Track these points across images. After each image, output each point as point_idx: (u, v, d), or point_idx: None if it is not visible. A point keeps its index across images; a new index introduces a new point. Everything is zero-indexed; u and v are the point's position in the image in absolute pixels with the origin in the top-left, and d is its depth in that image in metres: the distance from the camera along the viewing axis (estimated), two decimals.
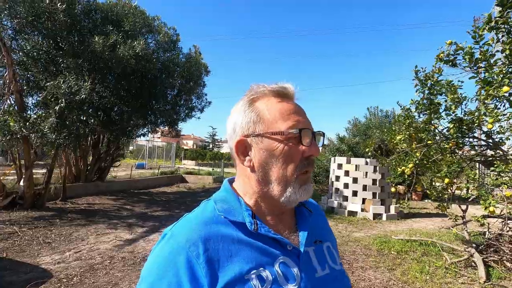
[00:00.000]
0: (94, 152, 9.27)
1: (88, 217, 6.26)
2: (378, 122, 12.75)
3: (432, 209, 8.81)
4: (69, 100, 5.78)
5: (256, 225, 0.60)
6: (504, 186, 3.66)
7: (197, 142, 60.60)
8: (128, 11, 7.46)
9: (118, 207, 7.51)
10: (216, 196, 0.67)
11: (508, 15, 2.47)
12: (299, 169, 0.60)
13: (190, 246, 0.54)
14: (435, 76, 3.32)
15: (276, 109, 0.61)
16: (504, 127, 3.50)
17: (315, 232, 0.69)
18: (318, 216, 0.76)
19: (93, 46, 6.32)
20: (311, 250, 0.65)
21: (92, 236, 4.97)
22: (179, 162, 29.56)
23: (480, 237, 4.95)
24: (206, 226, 0.58)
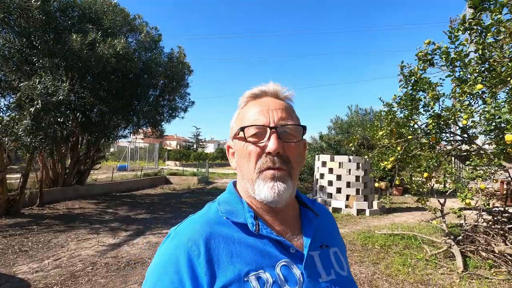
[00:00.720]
0: (73, 155, 8.92)
1: (68, 222, 6.03)
2: (359, 120, 13.06)
3: (412, 203, 9.14)
4: (45, 101, 5.52)
5: (258, 226, 0.59)
6: (479, 179, 3.85)
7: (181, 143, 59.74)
8: (108, 9, 7.23)
9: (100, 211, 7.28)
10: (220, 197, 0.68)
11: (480, 16, 2.60)
12: (258, 166, 0.59)
13: (191, 245, 0.56)
14: (419, 73, 3.44)
15: (248, 110, 0.64)
16: (477, 122, 3.68)
17: (321, 236, 0.68)
18: (326, 220, 0.75)
19: (70, 44, 6.08)
20: (316, 255, 0.63)
21: (73, 242, 4.78)
22: (163, 163, 29.03)
23: (458, 228, 5.18)
24: (208, 227, 0.59)
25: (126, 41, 7.03)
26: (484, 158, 3.74)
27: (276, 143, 0.58)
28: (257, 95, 0.66)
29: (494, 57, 2.55)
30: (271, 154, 0.58)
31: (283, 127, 0.60)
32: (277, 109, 0.62)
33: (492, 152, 3.56)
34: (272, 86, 0.66)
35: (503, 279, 3.52)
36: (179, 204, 8.60)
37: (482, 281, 3.50)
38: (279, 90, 0.66)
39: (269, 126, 0.60)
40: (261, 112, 0.62)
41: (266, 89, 0.66)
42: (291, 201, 0.66)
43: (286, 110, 0.64)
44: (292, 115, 0.65)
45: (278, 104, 0.64)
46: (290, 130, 0.61)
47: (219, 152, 45.30)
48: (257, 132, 0.60)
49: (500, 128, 3.33)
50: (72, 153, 8.91)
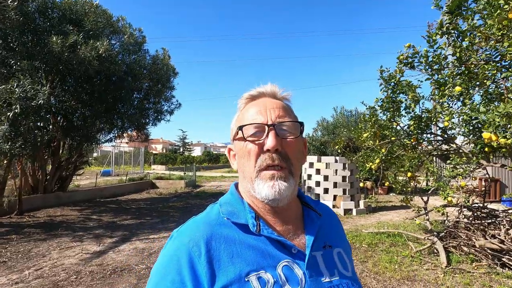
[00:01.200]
0: (54, 161, 8.61)
1: (49, 230, 5.80)
2: (345, 121, 13.30)
3: (397, 202, 9.38)
4: (24, 106, 5.31)
5: (258, 227, 0.60)
6: (459, 177, 4.01)
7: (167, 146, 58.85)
8: (89, 10, 7.06)
9: (83, 218, 7.05)
10: (222, 199, 0.69)
11: (457, 21, 2.73)
12: (258, 164, 0.60)
13: (193, 246, 0.57)
14: (397, 76, 3.55)
15: (244, 113, 0.65)
16: (455, 123, 3.84)
17: (324, 237, 0.67)
18: (330, 220, 0.74)
19: (50, 47, 5.89)
20: (319, 255, 0.63)
21: (55, 251, 4.61)
22: (148, 167, 28.49)
23: (440, 225, 5.36)
24: (210, 227, 0.60)
25: (109, 43, 6.88)
26: (464, 157, 3.90)
27: (274, 140, 0.58)
28: (254, 97, 0.68)
29: (471, 60, 2.68)
30: (270, 151, 0.59)
31: (280, 124, 0.61)
32: (274, 108, 0.63)
33: (471, 151, 3.71)
34: (269, 87, 0.67)
35: (484, 272, 3.66)
36: (166, 209, 8.46)
37: (465, 275, 3.64)
38: (276, 90, 0.68)
39: (266, 124, 0.60)
40: (258, 112, 0.63)
41: (263, 90, 0.67)
42: (293, 201, 0.66)
43: (283, 108, 0.65)
44: (290, 113, 0.65)
45: (275, 103, 0.65)
46: (288, 127, 0.62)
47: (206, 155, 44.93)
48: (256, 131, 0.61)
49: (477, 128, 3.49)
50: (53, 158, 8.60)
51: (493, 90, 3.39)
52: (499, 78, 2.73)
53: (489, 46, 2.49)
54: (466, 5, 2.59)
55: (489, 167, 4.04)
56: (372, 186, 11.06)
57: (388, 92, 3.74)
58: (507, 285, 3.36)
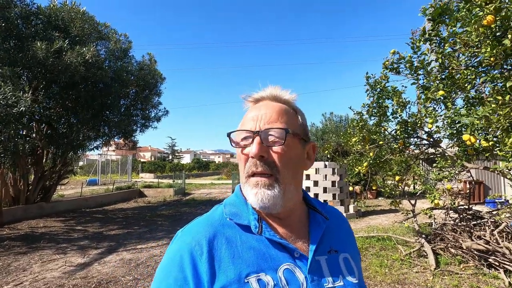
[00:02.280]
0: (37, 170, 8.32)
1: (31, 243, 5.56)
2: (333, 126, 13.47)
3: (385, 205, 9.50)
4: (5, 113, 5.14)
5: (260, 228, 0.60)
6: (445, 180, 4.10)
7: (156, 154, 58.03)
8: (76, 16, 6.96)
9: (68, 229, 6.80)
10: (227, 200, 0.69)
11: (439, 28, 2.82)
12: (245, 171, 0.61)
13: (195, 245, 0.58)
14: (382, 82, 3.63)
15: (243, 118, 0.66)
16: (440, 127, 3.94)
17: (330, 241, 0.66)
18: (338, 224, 0.73)
19: (34, 52, 5.75)
20: (323, 259, 0.62)
21: (37, 265, 4.41)
22: (136, 175, 27.97)
23: (428, 228, 5.44)
24: (212, 228, 0.61)
25: (96, 49, 6.78)
26: (449, 160, 3.99)
27: (256, 147, 0.58)
28: (256, 100, 0.68)
29: (452, 65, 2.77)
30: (254, 157, 0.59)
31: (267, 130, 0.60)
32: (267, 113, 0.62)
33: (455, 154, 3.81)
34: (270, 90, 0.67)
35: (471, 273, 3.72)
36: (154, 218, 8.27)
37: (453, 276, 3.68)
38: (278, 93, 0.67)
39: (253, 131, 0.60)
40: (253, 118, 0.63)
41: (263, 94, 0.67)
42: (294, 205, 0.65)
43: (278, 112, 0.63)
44: (284, 118, 0.63)
45: (272, 107, 0.64)
46: (275, 133, 0.60)
47: (195, 162, 44.52)
48: (246, 136, 0.62)
49: (460, 131, 3.58)
50: (36, 168, 8.31)
51: (474, 95, 3.51)
52: (478, 83, 2.83)
53: (469, 52, 2.58)
54: (448, 13, 2.69)
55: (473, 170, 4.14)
56: (361, 191, 11.17)
57: (374, 97, 3.81)
58: (493, 285, 3.42)
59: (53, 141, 7.80)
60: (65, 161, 8.97)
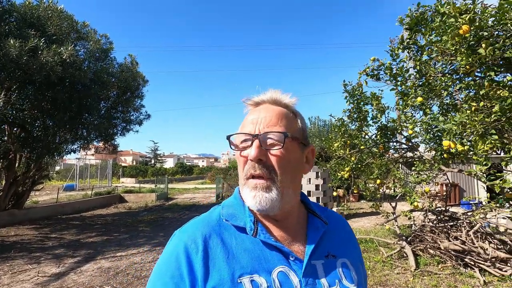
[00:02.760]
0: (8, 175, 7.86)
1: (0, 253, 5.23)
2: (317, 131, 13.68)
3: (367, 208, 9.69)
4: None
5: (256, 231, 0.61)
6: (423, 183, 4.23)
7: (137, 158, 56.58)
8: (53, 15, 6.69)
9: (42, 237, 6.46)
10: (225, 201, 0.70)
11: (415, 37, 2.94)
12: (243, 174, 0.62)
13: (191, 243, 0.59)
14: (360, 88, 3.72)
15: (243, 121, 0.66)
16: (418, 132, 4.09)
17: (328, 245, 0.66)
18: (338, 229, 0.72)
19: (7, 50, 5.47)
20: (319, 264, 0.62)
21: (6, 276, 4.15)
22: (117, 180, 27.13)
23: (408, 229, 5.59)
24: (209, 227, 0.62)
25: (74, 48, 6.54)
26: (426, 164, 4.13)
27: (256, 150, 0.59)
28: (256, 103, 0.68)
29: (429, 73, 2.88)
30: (252, 160, 0.60)
31: (266, 134, 0.61)
32: (267, 116, 0.63)
33: (433, 157, 3.95)
34: (270, 94, 0.67)
35: (449, 273, 3.85)
36: (135, 224, 8.02)
37: (432, 276, 3.79)
38: (278, 97, 0.67)
39: (252, 134, 0.61)
40: (252, 121, 0.63)
41: (263, 97, 0.67)
42: (292, 207, 0.66)
43: (277, 116, 0.63)
44: (283, 122, 0.63)
45: (272, 110, 0.64)
46: (275, 137, 0.61)
47: (179, 166, 43.78)
48: (245, 139, 0.63)
49: (437, 136, 3.73)
50: (7, 173, 7.86)
51: (448, 101, 3.67)
52: (454, 90, 2.96)
53: (445, 60, 2.70)
54: (424, 22, 2.80)
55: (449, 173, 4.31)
56: (344, 194, 11.37)
57: (353, 103, 3.90)
58: (470, 284, 3.55)
59: (27, 144, 7.42)
60: (40, 165, 8.54)
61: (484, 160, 2.50)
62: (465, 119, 2.58)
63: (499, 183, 2.35)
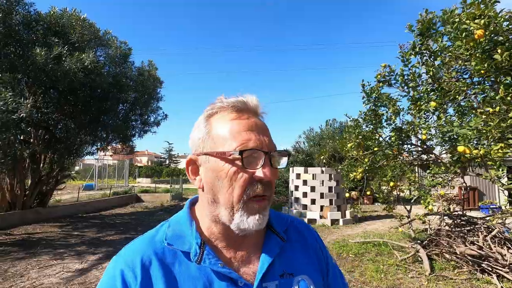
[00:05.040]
0: (34, 175, 8.31)
1: (28, 248, 5.55)
2: (331, 132, 13.60)
3: (381, 211, 9.58)
4: (5, 119, 5.17)
5: (200, 257, 0.55)
6: (438, 186, 4.19)
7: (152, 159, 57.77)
8: (76, 23, 7.04)
9: (65, 235, 6.78)
10: (173, 218, 0.64)
11: (428, 42, 2.94)
12: (246, 194, 0.54)
13: (128, 271, 0.54)
14: (378, 89, 3.74)
15: (227, 125, 0.56)
16: (433, 135, 4.05)
17: (285, 263, 0.60)
18: (300, 243, 0.66)
19: (34, 58, 5.81)
20: (273, 285, 0.57)
21: (34, 270, 4.41)
22: (133, 180, 27.83)
23: (423, 233, 5.51)
24: (150, 251, 0.56)
25: (95, 55, 6.85)
26: (442, 166, 4.09)
27: (270, 170, 0.54)
28: (239, 110, 0.58)
29: (443, 78, 2.88)
30: (262, 181, 0.54)
31: (274, 153, 0.57)
32: (264, 132, 0.57)
33: (448, 161, 3.91)
34: (252, 101, 0.59)
35: (465, 278, 3.79)
36: (152, 223, 8.27)
37: (447, 281, 3.75)
38: (258, 106, 0.60)
39: (264, 151, 0.55)
40: (249, 131, 0.55)
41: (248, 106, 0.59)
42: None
43: (268, 132, 0.59)
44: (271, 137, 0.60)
45: (262, 125, 0.59)
46: (281, 156, 0.59)
47: None
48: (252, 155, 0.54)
49: (453, 139, 3.69)
50: (33, 173, 8.30)
51: (465, 104, 3.63)
52: (470, 94, 2.94)
53: (459, 65, 2.69)
54: (434, 28, 2.81)
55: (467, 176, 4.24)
56: (358, 196, 11.26)
57: (370, 105, 3.92)
58: None
59: (51, 145, 7.81)
60: (62, 166, 8.96)
61: (498, 165, 2.48)
62: (480, 124, 2.58)
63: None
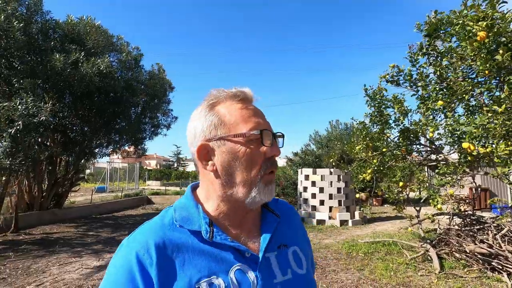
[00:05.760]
0: (51, 177, 8.61)
1: (47, 247, 5.78)
2: (338, 134, 13.62)
3: (391, 212, 9.55)
4: (26, 122, 5.44)
5: (211, 234, 0.60)
6: (447, 186, 4.23)
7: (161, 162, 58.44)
8: (91, 30, 7.33)
9: (81, 235, 7.02)
10: (177, 203, 0.67)
11: (435, 43, 3.03)
12: (263, 169, 0.61)
13: (144, 253, 0.56)
14: (381, 93, 3.83)
15: (237, 112, 0.63)
16: (441, 135, 4.10)
17: (280, 237, 0.68)
18: (288, 219, 0.75)
19: (52, 64, 6.09)
20: (273, 255, 0.64)
21: (55, 267, 4.61)
22: (143, 183, 28.25)
23: (433, 233, 5.53)
24: (162, 233, 0.59)
25: (109, 60, 7.12)
26: (451, 166, 4.13)
27: (279, 149, 0.64)
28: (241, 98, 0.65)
29: (450, 78, 2.95)
30: (274, 157, 0.63)
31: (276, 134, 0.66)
32: (264, 117, 0.67)
33: (457, 160, 3.95)
34: (248, 91, 0.67)
35: (475, 277, 3.82)
36: None
37: (457, 279, 3.78)
38: (253, 95, 0.68)
39: (273, 132, 0.64)
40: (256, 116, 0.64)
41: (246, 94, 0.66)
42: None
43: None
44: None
45: (262, 111, 0.68)
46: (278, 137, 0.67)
47: None
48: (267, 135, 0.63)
49: (461, 138, 3.74)
50: (49, 175, 8.61)
51: (475, 102, 3.68)
52: (476, 93, 3.00)
53: (465, 65, 2.77)
54: (443, 29, 2.89)
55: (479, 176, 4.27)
56: (367, 197, 11.23)
57: (375, 107, 4.01)
58: None
59: (67, 148, 8.10)
60: (77, 168, 9.26)
61: (505, 162, 2.54)
62: (485, 122, 2.65)
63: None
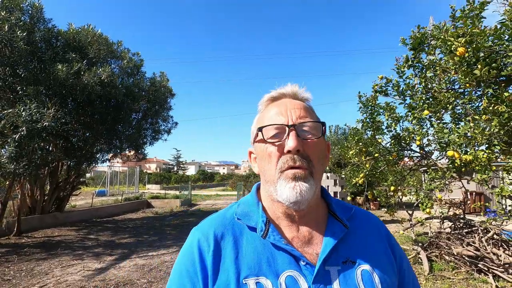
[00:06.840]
0: (52, 181, 8.77)
1: (49, 250, 5.92)
2: (336, 139, 13.81)
3: (387, 217, 9.68)
4: (30, 128, 5.61)
5: (266, 232, 0.60)
6: (436, 190, 4.39)
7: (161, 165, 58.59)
8: (92, 39, 7.53)
9: (82, 238, 7.16)
10: (243, 199, 0.70)
11: (420, 56, 3.21)
12: (279, 166, 0.58)
13: (204, 241, 0.61)
14: (374, 101, 4.01)
15: (264, 115, 0.65)
16: (431, 140, 4.27)
17: (348, 250, 0.61)
18: (365, 233, 0.66)
19: (56, 74, 6.28)
20: (335, 270, 0.58)
21: (57, 269, 4.76)
22: (143, 187, 28.37)
23: (425, 236, 5.68)
24: (222, 226, 0.63)
25: (110, 68, 7.31)
26: (439, 171, 4.30)
27: (295, 140, 0.57)
28: (275, 98, 0.67)
29: (434, 88, 3.13)
30: (291, 152, 0.57)
31: (301, 124, 0.60)
32: (295, 108, 0.62)
33: (446, 166, 4.12)
34: (290, 88, 0.66)
35: (462, 278, 3.97)
36: (163, 227, 8.60)
37: (445, 281, 3.93)
38: (298, 91, 0.66)
39: (287, 125, 0.59)
40: (279, 113, 0.62)
41: (284, 91, 0.66)
42: (314, 207, 0.64)
43: (304, 109, 0.63)
44: (312, 114, 0.64)
45: (296, 103, 0.64)
46: (309, 128, 0.61)
47: (200, 173, 44.88)
48: (276, 132, 0.60)
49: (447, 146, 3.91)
50: (51, 179, 8.76)
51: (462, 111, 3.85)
52: (459, 103, 3.18)
53: (448, 77, 2.94)
54: (426, 42, 3.08)
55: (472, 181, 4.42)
56: (363, 202, 11.38)
57: (367, 114, 4.19)
58: None
59: (69, 153, 8.26)
60: (78, 172, 9.41)
61: (484, 168, 2.71)
62: (467, 131, 2.82)
63: (497, 191, 2.56)
